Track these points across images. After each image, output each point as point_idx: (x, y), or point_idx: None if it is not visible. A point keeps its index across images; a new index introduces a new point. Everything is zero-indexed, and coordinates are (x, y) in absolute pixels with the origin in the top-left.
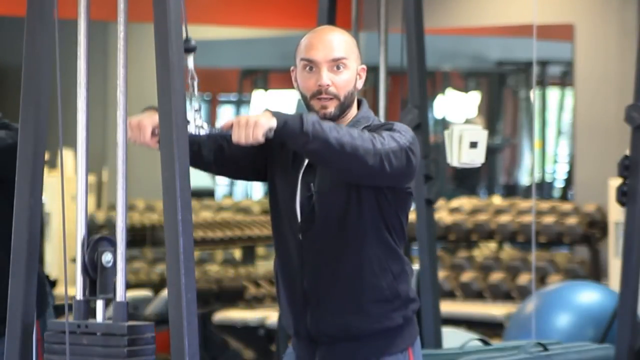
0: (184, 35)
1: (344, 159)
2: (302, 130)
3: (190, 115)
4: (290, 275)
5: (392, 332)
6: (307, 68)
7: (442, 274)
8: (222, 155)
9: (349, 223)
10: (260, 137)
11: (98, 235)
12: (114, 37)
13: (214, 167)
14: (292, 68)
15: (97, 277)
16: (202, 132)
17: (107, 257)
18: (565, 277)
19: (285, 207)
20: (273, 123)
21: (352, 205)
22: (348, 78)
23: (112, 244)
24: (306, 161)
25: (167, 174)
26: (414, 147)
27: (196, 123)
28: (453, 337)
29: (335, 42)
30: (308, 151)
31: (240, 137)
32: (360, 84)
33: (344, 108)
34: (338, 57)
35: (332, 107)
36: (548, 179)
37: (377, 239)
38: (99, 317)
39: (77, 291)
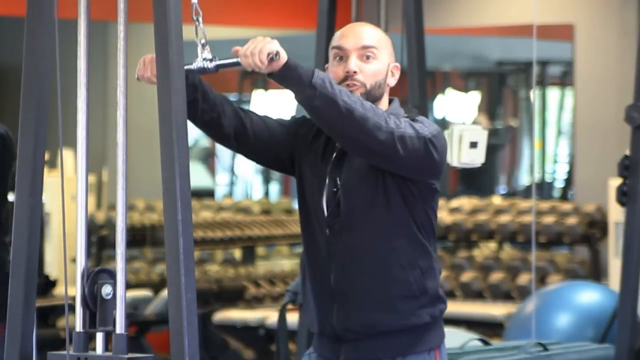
0: None
1: (350, 126)
2: (311, 82)
3: (198, 50)
4: (317, 270)
5: (418, 329)
6: (337, 57)
7: (442, 274)
8: (243, 131)
9: (376, 217)
10: (265, 60)
11: (97, 268)
12: (114, 37)
13: (233, 143)
14: (326, 66)
15: (96, 310)
16: (211, 66)
17: (106, 290)
18: (565, 277)
19: (313, 202)
20: (277, 48)
21: (379, 199)
22: (377, 68)
23: (112, 275)
24: (334, 155)
25: (167, 174)
26: (437, 140)
27: (204, 56)
28: (453, 337)
29: (367, 32)
30: (313, 107)
31: (248, 64)
32: (392, 82)
33: (371, 99)
34: (368, 45)
35: (357, 93)
36: (548, 179)
37: (404, 234)
38: (99, 349)
39: (76, 323)
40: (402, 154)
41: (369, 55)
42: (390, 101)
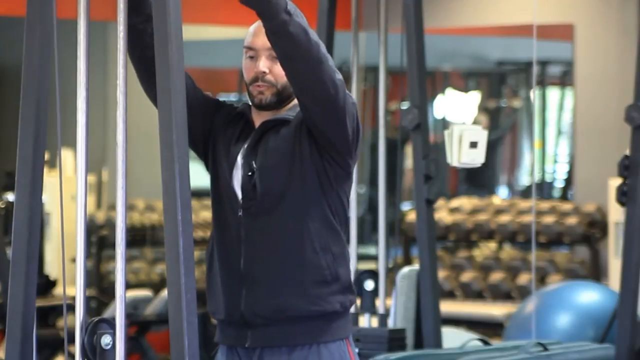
0: None
1: (311, 56)
2: (286, 8)
3: None
4: (227, 253)
5: (329, 316)
6: (248, 56)
7: (442, 274)
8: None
9: (291, 199)
10: None
11: (97, 318)
12: (114, 37)
13: (145, 77)
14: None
15: None
16: None
17: (106, 340)
18: (565, 277)
19: (225, 185)
20: None
21: (294, 182)
22: None
23: (111, 326)
24: (249, 139)
25: (167, 174)
26: (355, 109)
27: None
28: (453, 337)
29: None
30: (287, 33)
31: None
32: None
33: (282, 98)
34: None
35: (268, 94)
36: (548, 179)
37: (318, 218)
38: None
39: None
40: (334, 94)
41: None
42: None
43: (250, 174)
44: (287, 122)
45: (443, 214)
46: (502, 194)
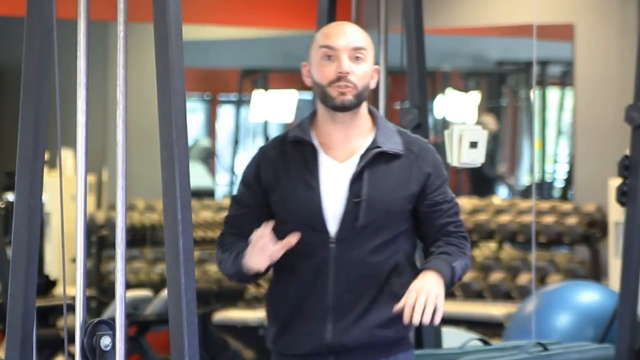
0: None
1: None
2: (452, 280)
3: None
4: (310, 286)
5: (406, 333)
6: (326, 56)
7: None
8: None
9: (386, 233)
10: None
11: (96, 319)
12: (114, 37)
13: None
14: (304, 64)
15: None
16: None
17: (105, 341)
18: (565, 277)
19: (308, 215)
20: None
21: (394, 218)
22: (366, 70)
23: (111, 327)
24: (354, 170)
25: (167, 174)
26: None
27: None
28: (453, 337)
29: (356, 32)
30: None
31: (427, 315)
32: (373, 84)
33: (361, 99)
34: (358, 46)
35: (350, 95)
36: (548, 179)
37: (406, 253)
38: None
39: None
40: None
41: (359, 56)
42: (371, 113)
43: (356, 201)
44: (397, 157)
45: None
46: (502, 194)
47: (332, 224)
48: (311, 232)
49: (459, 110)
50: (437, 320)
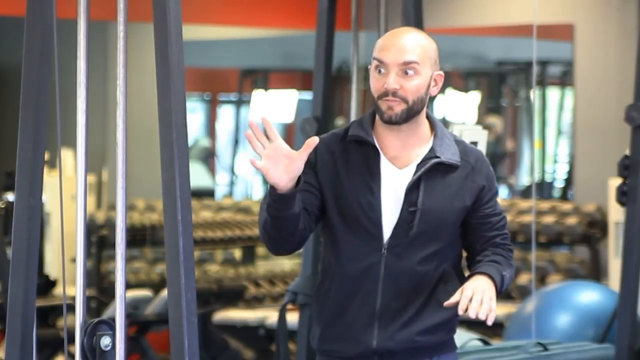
0: None
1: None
2: (501, 288)
3: None
4: (360, 290)
5: (452, 338)
6: (377, 69)
7: None
8: (313, 224)
9: (437, 243)
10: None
11: (96, 319)
12: (114, 37)
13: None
14: (369, 66)
15: None
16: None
17: (105, 341)
18: (565, 277)
19: (365, 219)
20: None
21: (446, 228)
22: (418, 84)
23: (111, 327)
24: (412, 176)
25: (167, 174)
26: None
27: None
28: None
29: (409, 44)
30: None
31: (483, 311)
32: (435, 91)
33: (412, 113)
34: (409, 60)
35: (398, 109)
36: (548, 179)
37: (454, 262)
38: None
39: None
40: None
41: (410, 71)
42: (430, 120)
43: (412, 210)
44: (454, 168)
45: None
46: (502, 194)
47: (387, 231)
48: (365, 236)
49: (459, 110)
50: (491, 320)
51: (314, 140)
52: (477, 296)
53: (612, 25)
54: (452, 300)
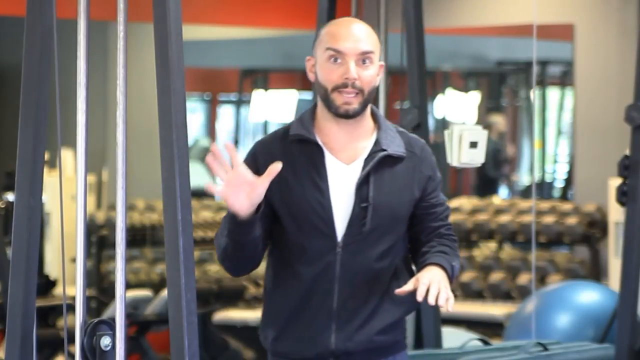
0: None
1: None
2: (452, 276)
3: None
4: (315, 290)
5: (404, 338)
6: (332, 59)
7: None
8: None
9: (390, 237)
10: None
11: (96, 319)
12: (114, 37)
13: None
14: (308, 58)
15: None
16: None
17: (105, 341)
18: (565, 277)
19: (316, 219)
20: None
21: (397, 221)
22: (373, 73)
23: (111, 327)
24: (360, 173)
25: (167, 174)
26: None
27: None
28: (453, 337)
29: (363, 34)
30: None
31: (442, 298)
32: (378, 81)
33: (365, 105)
34: (366, 50)
35: (356, 103)
36: (548, 179)
37: (404, 257)
38: None
39: None
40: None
41: (366, 60)
42: (372, 112)
43: (364, 205)
44: (400, 159)
45: None
46: (502, 194)
47: (340, 229)
48: (318, 236)
49: (459, 110)
50: (451, 306)
51: (277, 166)
52: (434, 285)
53: (612, 25)
54: (406, 288)
